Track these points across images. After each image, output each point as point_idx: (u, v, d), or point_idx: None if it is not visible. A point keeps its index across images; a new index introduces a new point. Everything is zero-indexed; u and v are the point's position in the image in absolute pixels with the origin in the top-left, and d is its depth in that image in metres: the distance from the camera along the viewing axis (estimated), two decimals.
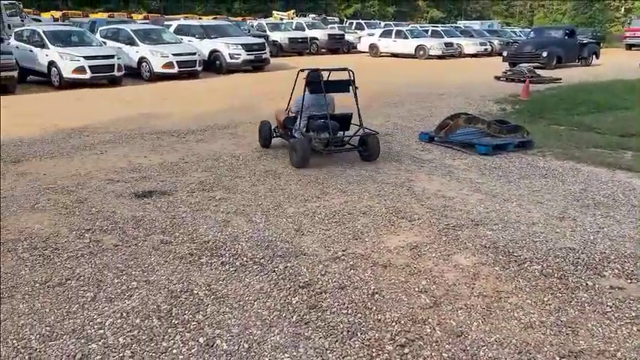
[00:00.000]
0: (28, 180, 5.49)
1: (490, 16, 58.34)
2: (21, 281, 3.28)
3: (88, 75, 13.52)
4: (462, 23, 40.23)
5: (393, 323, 2.87)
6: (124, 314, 2.91)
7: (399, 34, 25.88)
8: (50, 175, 5.70)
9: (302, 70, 6.34)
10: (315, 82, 6.03)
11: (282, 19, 35.00)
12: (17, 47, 14.30)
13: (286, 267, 3.51)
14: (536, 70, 16.04)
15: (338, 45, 27.67)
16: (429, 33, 27.41)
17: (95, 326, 2.79)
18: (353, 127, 6.33)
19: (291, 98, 6.59)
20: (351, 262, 3.58)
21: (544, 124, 8.59)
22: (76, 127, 8.31)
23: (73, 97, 12.37)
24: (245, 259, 3.64)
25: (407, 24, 36.24)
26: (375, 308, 3.01)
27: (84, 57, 13.55)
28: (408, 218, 4.42)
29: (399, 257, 3.68)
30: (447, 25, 37.51)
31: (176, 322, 2.84)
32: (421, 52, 24.67)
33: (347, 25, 35.36)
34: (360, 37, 28.18)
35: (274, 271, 3.45)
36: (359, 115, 6.28)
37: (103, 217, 4.43)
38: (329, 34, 27.51)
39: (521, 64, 17.17)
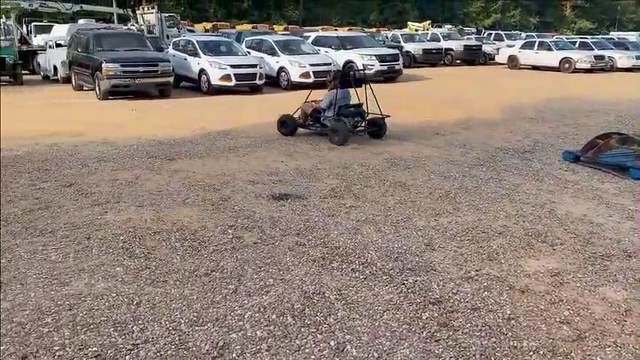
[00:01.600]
0: (179, 177, 6.05)
1: None
2: (173, 268, 3.62)
3: (232, 82, 14.54)
4: (615, 34, 36.81)
5: (531, 353, 2.71)
6: (262, 309, 3.08)
7: (541, 45, 24.36)
8: (199, 173, 6.22)
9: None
10: (346, 80, 8.27)
11: (417, 30, 34.77)
12: (174, 55, 15.84)
13: (416, 281, 3.47)
14: None
15: (474, 56, 26.79)
16: (577, 45, 25.44)
17: (236, 317, 2.99)
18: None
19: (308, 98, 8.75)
20: (485, 284, 3.45)
21: None
22: (221, 130, 8.98)
23: (219, 102, 13.40)
24: (374, 268, 3.67)
25: (551, 35, 34.02)
26: (510, 334, 2.87)
27: (230, 65, 14.60)
28: (550, 242, 4.14)
29: (539, 283, 3.46)
30: (598, 36, 34.54)
31: (309, 323, 2.95)
32: (566, 65, 22.96)
33: (485, 35, 34.11)
34: (498, 49, 27.01)
35: (404, 283, 3.44)
36: (376, 103, 8.14)
37: (244, 215, 4.74)
38: (465, 45, 26.75)
39: None
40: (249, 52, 16.75)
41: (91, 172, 6.20)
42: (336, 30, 29.33)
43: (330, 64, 16.53)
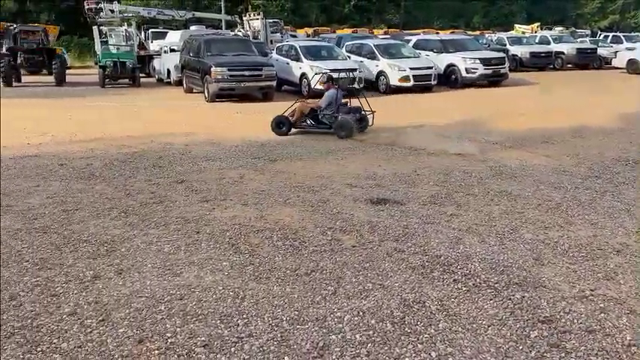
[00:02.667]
0: (281, 178, 6.22)
1: None
2: (275, 266, 3.73)
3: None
4: None
5: None
6: (361, 313, 3.08)
7: None
8: (299, 174, 6.36)
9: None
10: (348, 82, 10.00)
11: (524, 32, 33.12)
12: (277, 60, 16.36)
13: (524, 297, 3.29)
14: None
15: (588, 60, 24.95)
16: None
17: (335, 319, 3.01)
18: None
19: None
20: (601, 305, 3.19)
21: None
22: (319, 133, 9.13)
23: None
24: (478, 280, 3.53)
25: None
26: None
27: (330, 69, 14.79)
28: None
29: None
30: None
31: (409, 331, 2.90)
32: None
33: (601, 38, 31.70)
34: (616, 52, 24.98)
35: (510, 298, 3.27)
36: (366, 101, 9.35)
37: (342, 218, 4.77)
38: (578, 49, 25.01)
39: None
40: (349, 57, 16.88)
41: (200, 171, 6.56)
42: (437, 33, 28.74)
43: (432, 67, 16.23)
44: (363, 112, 9.23)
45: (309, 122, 9.17)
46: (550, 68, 23.81)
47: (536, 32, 31.83)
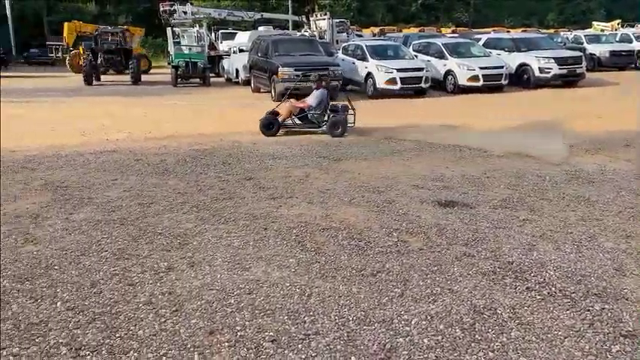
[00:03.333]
0: (346, 177, 6.22)
1: None
2: (341, 265, 3.73)
3: (398, 86, 14.59)
4: None
5: None
6: (429, 317, 3.02)
7: None
8: (364, 174, 6.34)
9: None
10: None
11: (602, 30, 31.37)
12: (342, 60, 16.38)
13: (603, 309, 3.11)
14: None
15: None
16: None
17: (402, 322, 2.97)
18: None
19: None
20: None
21: None
22: (385, 134, 9.05)
23: (383, 105, 13.53)
24: (553, 289, 3.37)
25: None
26: None
27: (397, 69, 14.66)
28: None
29: None
30: None
31: (479, 338, 2.81)
32: None
33: None
34: None
35: (588, 310, 3.10)
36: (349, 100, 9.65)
37: (408, 219, 4.71)
38: None
39: None
40: (416, 56, 16.65)
41: (267, 168, 6.67)
42: (508, 31, 27.77)
43: (502, 67, 15.71)
44: (350, 111, 9.30)
45: (296, 121, 9.26)
46: (632, 68, 22.40)
47: (616, 30, 30.07)
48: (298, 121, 9.29)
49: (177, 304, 3.15)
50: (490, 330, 2.89)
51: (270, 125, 9.03)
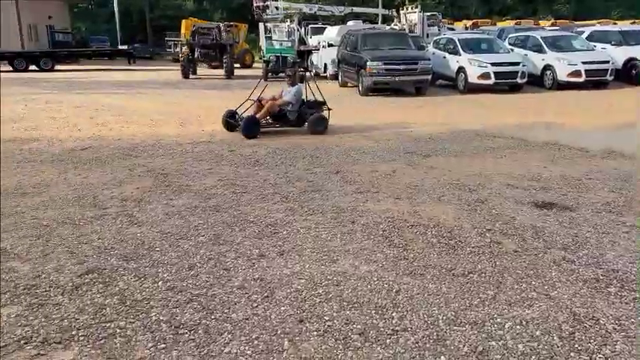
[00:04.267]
0: (435, 174, 6.09)
1: None
2: (430, 263, 3.66)
3: (491, 81, 14.06)
4: None
5: None
6: (524, 322, 2.89)
7: None
8: (454, 172, 6.17)
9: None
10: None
11: None
12: (433, 54, 16.03)
13: None
14: None
15: None
16: None
17: (495, 325, 2.86)
18: None
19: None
20: None
21: None
22: (477, 130, 8.76)
23: (475, 101, 13.10)
24: None
25: None
26: None
27: (490, 63, 14.12)
28: None
29: None
30: None
31: (579, 348, 2.65)
32: None
33: None
34: None
35: None
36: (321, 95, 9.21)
37: (502, 220, 4.52)
38: None
39: None
40: (511, 50, 15.93)
41: (354, 162, 6.69)
42: (615, 24, 25.79)
43: (608, 62, 14.65)
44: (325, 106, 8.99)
45: (269, 121, 8.86)
46: None
47: None
48: (272, 121, 8.91)
49: (268, 291, 3.24)
50: (592, 340, 2.71)
51: (251, 128, 8.36)
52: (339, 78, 16.88)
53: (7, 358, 2.58)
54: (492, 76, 13.98)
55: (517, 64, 14.32)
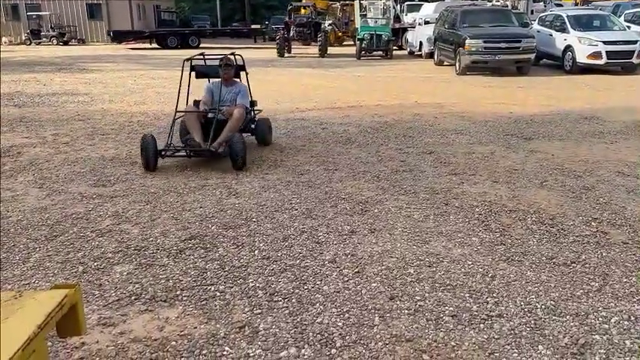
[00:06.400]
0: (536, 158, 5.78)
1: None
2: (529, 250, 3.50)
3: (602, 61, 13.00)
4: None
5: None
6: (632, 318, 2.69)
7: None
8: (558, 157, 5.81)
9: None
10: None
11: None
12: (538, 31, 15.07)
13: None
14: None
15: None
16: None
17: (600, 318, 2.69)
18: None
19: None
20: None
21: None
22: (585, 113, 8.18)
23: (583, 82, 12.20)
24: None
25: None
26: None
27: (602, 42, 13.04)
28: None
29: None
30: None
31: None
32: None
33: None
34: None
35: None
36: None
37: (611, 209, 4.21)
38: None
39: None
40: (628, 27, 14.59)
41: (448, 143, 6.50)
42: None
43: None
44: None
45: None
46: None
47: None
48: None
49: (359, 267, 3.27)
50: None
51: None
52: (435, 56, 16.39)
53: (120, 311, 2.82)
54: (604, 55, 12.89)
55: (634, 42, 13.09)
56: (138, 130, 7.34)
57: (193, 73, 6.33)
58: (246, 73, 6.41)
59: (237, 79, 6.30)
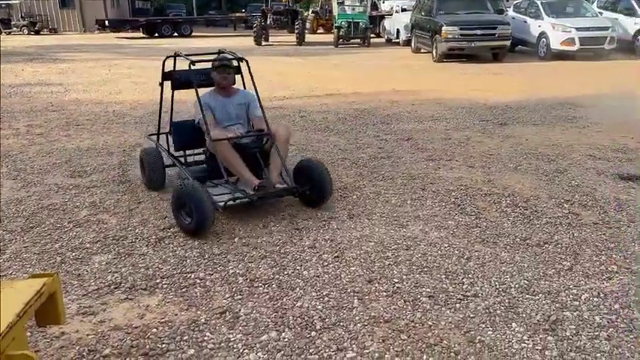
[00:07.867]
0: (511, 143, 5.88)
1: None
2: (504, 232, 3.58)
3: (575, 47, 13.23)
4: None
5: None
6: (602, 295, 2.79)
7: None
8: (532, 141, 5.93)
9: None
10: None
11: None
12: (513, 18, 15.24)
13: None
14: None
15: None
16: None
17: (570, 296, 2.79)
18: None
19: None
20: None
21: None
22: (558, 98, 8.33)
23: (555, 68, 12.40)
24: None
25: None
26: None
27: (575, 28, 13.26)
28: None
29: None
30: None
31: None
32: None
33: None
34: None
35: None
36: None
37: (582, 192, 4.33)
38: None
39: None
40: (600, 13, 14.84)
41: (425, 130, 6.58)
42: None
43: None
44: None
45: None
46: None
47: None
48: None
49: (338, 251, 3.32)
50: None
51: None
52: (412, 44, 16.48)
53: (100, 300, 2.82)
54: (577, 41, 13.12)
55: (605, 28, 13.35)
56: (114, 120, 7.25)
57: (167, 83, 4.54)
58: (251, 76, 4.32)
59: (236, 86, 4.47)
